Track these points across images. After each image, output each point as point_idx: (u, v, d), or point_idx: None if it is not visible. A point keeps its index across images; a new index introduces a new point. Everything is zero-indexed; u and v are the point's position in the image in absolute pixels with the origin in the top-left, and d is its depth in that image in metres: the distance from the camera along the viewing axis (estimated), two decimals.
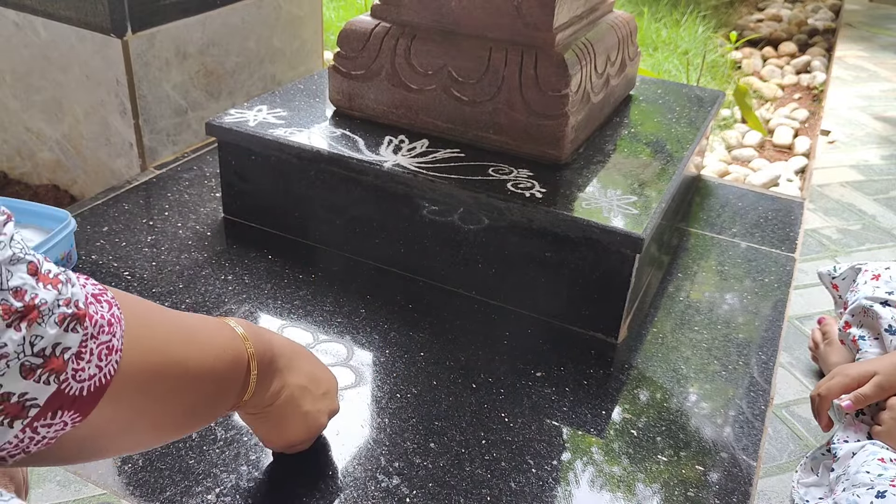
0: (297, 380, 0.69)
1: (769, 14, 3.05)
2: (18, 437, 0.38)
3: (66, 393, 0.39)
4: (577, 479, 0.81)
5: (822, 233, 1.36)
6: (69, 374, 0.39)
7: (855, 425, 0.79)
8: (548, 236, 1.00)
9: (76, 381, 0.40)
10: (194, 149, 1.48)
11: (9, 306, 0.36)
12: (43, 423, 0.39)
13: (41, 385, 0.38)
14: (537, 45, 1.06)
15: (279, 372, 0.66)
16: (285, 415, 0.70)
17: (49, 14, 1.36)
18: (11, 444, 0.38)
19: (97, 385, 0.41)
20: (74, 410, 0.40)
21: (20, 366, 0.37)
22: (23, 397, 0.37)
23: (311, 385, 0.72)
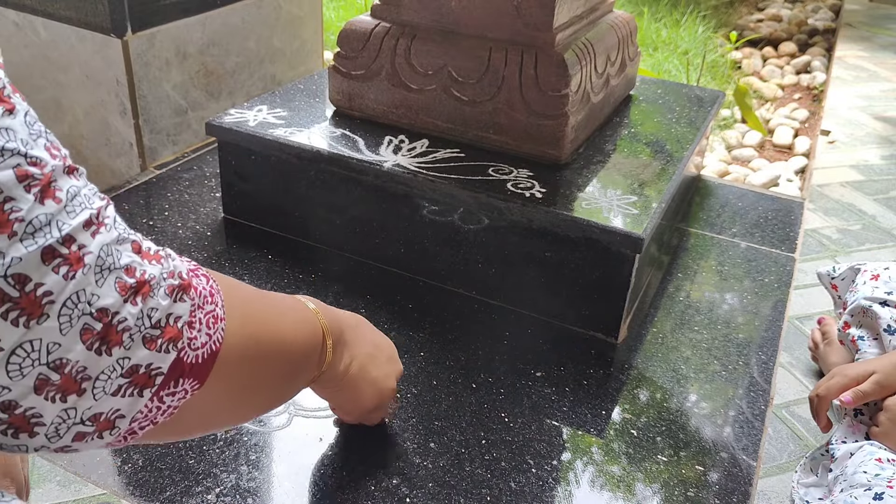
0: (364, 349, 0.73)
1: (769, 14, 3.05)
2: (147, 407, 0.41)
3: (184, 360, 0.42)
4: (577, 479, 0.81)
5: (822, 233, 1.36)
6: (185, 343, 0.42)
7: (853, 426, 0.79)
8: (548, 236, 1.00)
9: (191, 349, 0.42)
10: (194, 149, 1.48)
11: (124, 283, 0.38)
12: (167, 392, 0.42)
13: (162, 354, 0.40)
14: (537, 45, 1.06)
15: (347, 344, 0.70)
16: (357, 384, 0.73)
17: (49, 14, 1.36)
18: (142, 413, 0.41)
19: (209, 352, 0.44)
20: (193, 377, 0.43)
21: (142, 338, 0.39)
22: (149, 367, 0.40)
23: (375, 352, 0.75)
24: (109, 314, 0.37)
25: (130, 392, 0.39)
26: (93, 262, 0.37)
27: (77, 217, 0.37)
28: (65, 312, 0.36)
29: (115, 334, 0.38)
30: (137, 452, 0.80)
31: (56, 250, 0.35)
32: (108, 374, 0.38)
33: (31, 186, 0.34)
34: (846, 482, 0.70)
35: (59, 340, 0.36)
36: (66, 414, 0.37)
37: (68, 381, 0.37)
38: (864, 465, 0.70)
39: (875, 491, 0.66)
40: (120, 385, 0.39)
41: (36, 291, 0.34)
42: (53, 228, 0.35)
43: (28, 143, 0.35)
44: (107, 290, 0.37)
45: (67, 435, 0.38)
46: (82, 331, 0.36)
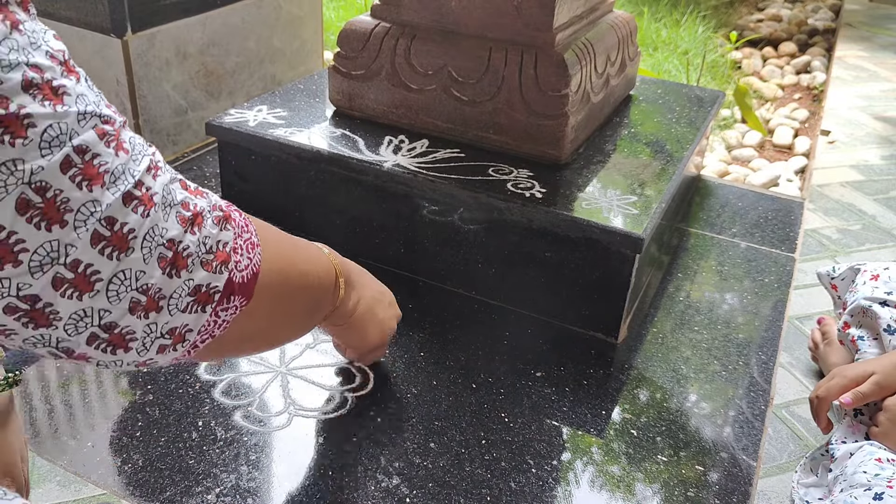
0: (370, 291, 0.81)
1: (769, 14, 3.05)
2: (208, 322, 0.48)
3: (233, 280, 0.49)
4: (577, 479, 0.81)
5: (822, 233, 1.36)
6: (233, 264, 0.49)
7: (853, 426, 0.79)
8: (548, 236, 1.00)
9: (238, 271, 0.49)
10: (194, 149, 1.48)
11: (183, 216, 0.45)
12: (222, 308, 0.48)
13: (217, 274, 0.47)
14: (537, 45, 1.06)
15: (354, 285, 0.77)
16: (364, 322, 0.81)
17: (49, 14, 1.36)
18: (205, 327, 0.48)
19: (252, 273, 0.50)
20: (241, 295, 0.50)
21: (200, 261, 0.46)
22: (208, 286, 0.47)
23: (379, 296, 0.84)
24: (176, 243, 0.44)
25: (195, 308, 0.46)
26: (159, 201, 0.43)
27: (141, 163, 0.43)
28: (145, 245, 0.42)
29: (182, 259, 0.44)
30: (137, 452, 0.80)
31: (132, 194, 0.41)
32: (179, 293, 0.45)
33: (109, 142, 0.40)
34: (846, 482, 0.70)
35: (143, 268, 0.42)
36: (149, 329, 0.44)
37: (151, 302, 0.43)
38: (863, 465, 0.70)
39: (875, 491, 0.66)
40: (188, 303, 0.46)
41: (122, 229, 0.41)
42: (128, 175, 0.41)
43: (98, 104, 0.40)
44: (171, 223, 0.44)
45: (153, 348, 0.45)
46: (158, 258, 0.43)
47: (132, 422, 0.84)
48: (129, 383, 0.90)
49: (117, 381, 0.91)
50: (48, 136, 0.37)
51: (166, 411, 0.86)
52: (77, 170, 0.38)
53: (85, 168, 0.38)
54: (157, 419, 0.85)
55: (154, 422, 0.84)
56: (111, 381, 0.91)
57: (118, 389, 0.90)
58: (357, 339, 0.84)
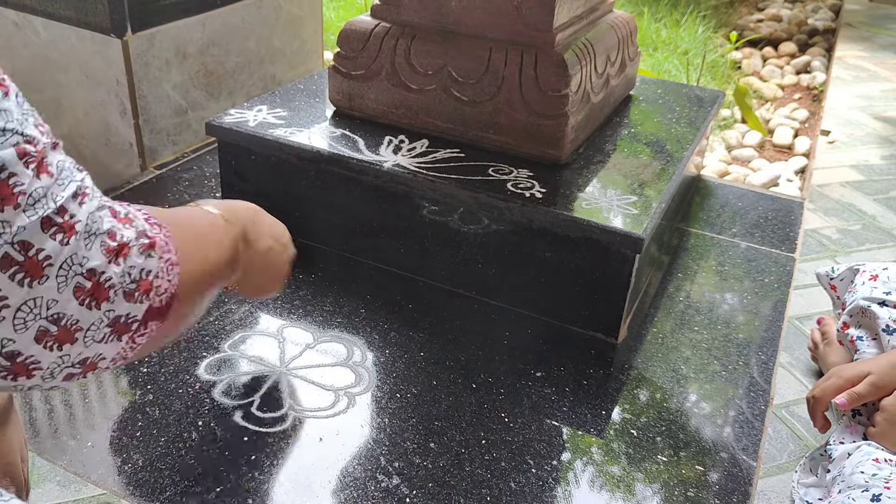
0: (265, 242, 0.78)
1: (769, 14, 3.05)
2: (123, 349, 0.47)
3: (153, 307, 0.48)
4: (577, 479, 0.81)
5: (822, 233, 1.36)
6: (154, 292, 0.48)
7: (851, 427, 0.79)
8: (548, 236, 1.00)
9: (157, 296, 0.48)
10: (194, 149, 1.48)
11: (108, 246, 0.44)
12: (139, 335, 0.48)
13: (138, 304, 0.46)
14: (537, 45, 1.06)
15: (250, 242, 0.74)
16: (262, 272, 0.79)
17: (49, 14, 1.36)
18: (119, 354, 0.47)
19: (170, 295, 0.50)
20: (158, 319, 0.49)
21: (123, 292, 0.45)
22: (128, 317, 0.46)
23: (274, 244, 0.81)
24: (97, 274, 0.43)
25: (112, 338, 0.45)
26: (82, 229, 0.42)
27: (66, 189, 0.41)
28: (61, 273, 0.40)
29: (104, 291, 0.43)
30: (137, 452, 0.80)
31: (52, 220, 0.40)
32: (98, 325, 0.44)
33: (29, 163, 0.38)
34: (844, 483, 0.70)
35: (56, 297, 0.41)
36: (61, 360, 0.43)
37: (64, 332, 0.42)
38: (861, 466, 0.70)
39: (873, 492, 0.66)
40: (105, 333, 0.45)
41: (38, 256, 0.39)
42: (49, 200, 0.40)
43: (23, 123, 0.39)
44: (94, 252, 0.42)
45: (59, 376, 0.44)
46: (75, 289, 0.41)
47: (132, 422, 0.84)
48: (129, 383, 0.90)
49: (117, 381, 0.91)
50: None
51: (166, 411, 0.86)
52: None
53: None
54: (157, 419, 0.85)
55: (154, 422, 0.84)
56: (111, 381, 0.91)
57: (118, 389, 0.90)
58: (252, 288, 0.84)
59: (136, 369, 0.92)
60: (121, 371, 0.92)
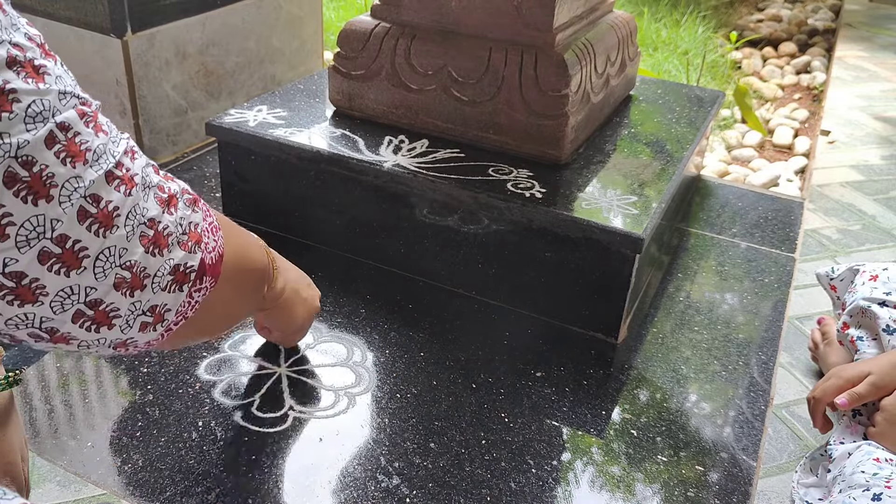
0: (293, 274, 0.83)
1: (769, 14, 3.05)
2: (185, 302, 0.49)
3: (205, 261, 0.50)
4: (577, 479, 0.81)
5: (822, 233, 1.36)
6: (203, 245, 0.50)
7: (851, 426, 0.79)
8: (548, 236, 1.00)
9: (207, 252, 0.51)
10: (194, 149, 1.48)
11: (160, 197, 0.46)
12: (196, 288, 0.50)
13: (192, 254, 0.49)
14: (537, 45, 1.06)
15: (279, 269, 0.78)
16: (293, 302, 0.83)
17: (49, 14, 1.36)
18: (181, 308, 0.49)
19: (219, 254, 0.53)
20: (210, 275, 0.51)
21: (177, 241, 0.47)
22: (185, 266, 0.48)
23: (300, 278, 0.86)
24: (156, 223, 0.46)
25: (174, 287, 0.48)
26: (140, 181, 0.45)
27: (119, 145, 0.44)
28: (128, 223, 0.43)
29: (163, 238, 0.46)
30: (137, 452, 0.80)
31: (114, 173, 0.42)
32: (162, 272, 0.46)
33: (88, 122, 0.41)
34: (844, 482, 0.70)
35: (126, 245, 0.43)
36: (134, 306, 0.45)
37: (135, 279, 0.45)
38: (861, 465, 0.70)
39: (874, 491, 0.66)
40: (168, 281, 0.47)
41: (107, 207, 0.42)
42: (109, 155, 0.42)
43: (76, 87, 0.42)
44: (151, 203, 0.45)
45: (135, 325, 0.46)
46: (141, 236, 0.44)
47: (132, 422, 0.84)
48: (128, 383, 0.90)
49: (117, 381, 0.91)
50: (32, 111, 0.37)
51: (166, 411, 0.86)
52: (61, 146, 0.39)
53: (68, 145, 0.39)
54: (157, 419, 0.85)
55: (154, 422, 0.84)
56: (111, 380, 0.91)
57: (118, 389, 0.90)
58: (285, 320, 0.86)
59: (136, 369, 0.92)
60: (121, 371, 0.92)
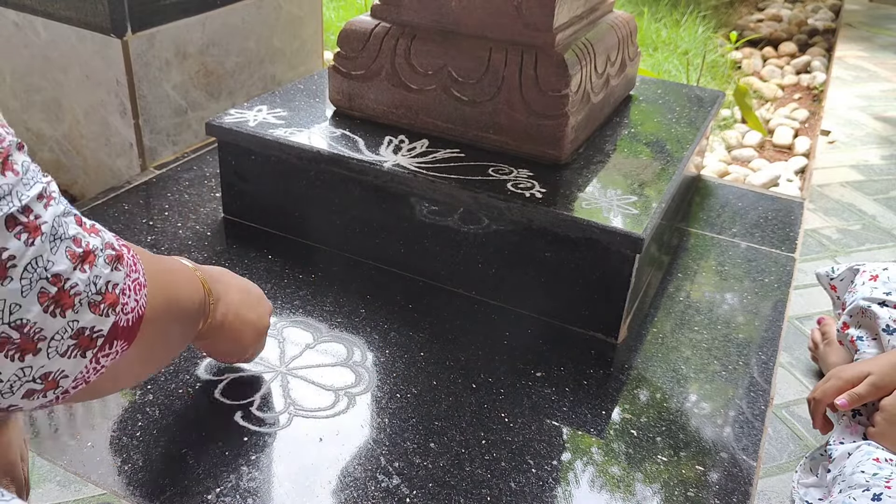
0: (234, 296, 0.77)
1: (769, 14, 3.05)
2: (87, 368, 0.45)
3: (119, 324, 0.46)
4: (577, 479, 0.81)
5: (822, 233, 1.36)
6: (120, 308, 0.46)
7: (851, 427, 0.79)
8: (548, 236, 1.00)
9: (124, 314, 0.46)
10: (194, 149, 1.48)
11: (73, 251, 0.42)
12: (104, 354, 0.45)
13: (104, 317, 0.44)
14: (537, 46, 1.06)
15: (219, 296, 0.74)
16: (236, 328, 0.77)
17: (49, 14, 1.36)
18: (81, 374, 0.45)
19: (137, 316, 0.48)
20: (123, 339, 0.47)
21: (88, 302, 0.43)
22: (92, 330, 0.44)
23: (246, 297, 0.80)
24: (62, 279, 0.41)
25: (76, 353, 0.43)
26: (48, 230, 0.40)
27: (32, 189, 0.40)
28: (25, 276, 0.39)
29: (68, 298, 0.41)
30: (137, 452, 0.80)
31: (17, 218, 0.38)
32: (61, 335, 0.42)
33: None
34: (844, 483, 0.70)
35: (19, 301, 0.39)
36: (22, 372, 0.40)
37: (26, 341, 0.40)
38: (861, 465, 0.70)
39: (874, 491, 0.66)
40: (69, 346, 0.42)
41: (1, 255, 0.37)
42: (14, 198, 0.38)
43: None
44: (60, 257, 0.41)
45: (19, 392, 0.41)
46: (39, 293, 0.40)
47: (132, 422, 0.84)
48: None
49: None
50: None
51: (166, 411, 0.86)
52: None
53: None
54: (157, 419, 0.85)
55: (154, 422, 0.84)
56: None
57: None
58: (231, 346, 0.81)
59: None
60: None
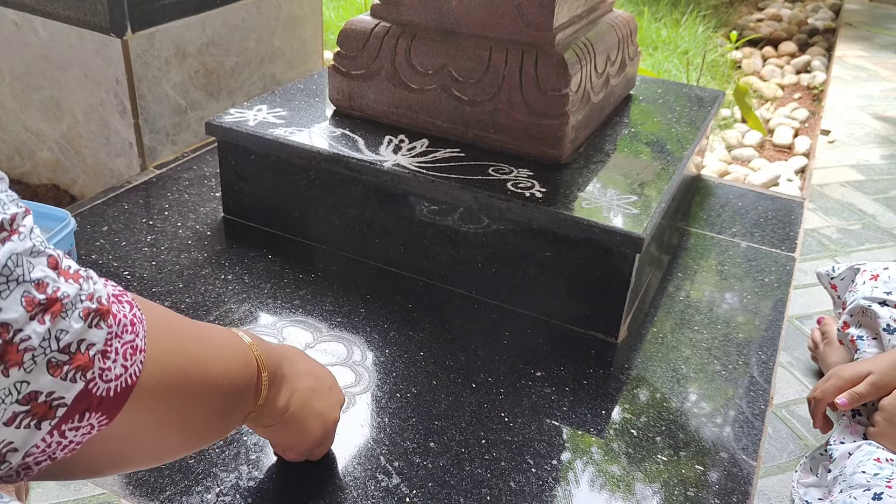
0: (304, 382, 0.69)
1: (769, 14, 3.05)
2: (45, 441, 0.37)
3: (93, 392, 0.38)
4: (576, 479, 0.81)
5: (822, 233, 1.36)
6: (96, 373, 0.38)
7: (851, 427, 0.79)
8: (548, 236, 1.00)
9: (103, 381, 0.39)
10: (194, 149, 1.48)
11: (32, 297, 0.35)
12: (70, 426, 0.38)
13: (68, 383, 0.37)
14: (537, 45, 1.06)
15: (286, 377, 0.66)
16: (301, 418, 0.69)
17: (48, 14, 1.36)
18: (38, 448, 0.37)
19: (124, 386, 0.40)
20: (101, 412, 0.39)
21: (47, 362, 0.36)
22: (50, 396, 0.36)
23: (316, 384, 0.71)
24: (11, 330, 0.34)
25: (27, 423, 0.36)
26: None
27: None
28: None
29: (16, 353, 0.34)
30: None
31: None
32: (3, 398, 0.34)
33: None
34: (845, 483, 0.70)
35: None
36: None
37: None
38: (862, 465, 0.70)
39: (874, 491, 0.66)
40: (15, 413, 0.35)
41: None
42: None
43: None
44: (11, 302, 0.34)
45: None
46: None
47: None
48: None
49: None
50: None
51: None
52: None
53: None
54: None
55: None
56: None
57: None
58: (295, 439, 0.72)
59: None
60: None
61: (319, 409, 0.71)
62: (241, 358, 0.57)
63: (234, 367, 0.55)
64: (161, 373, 0.44)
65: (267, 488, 0.77)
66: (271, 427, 0.68)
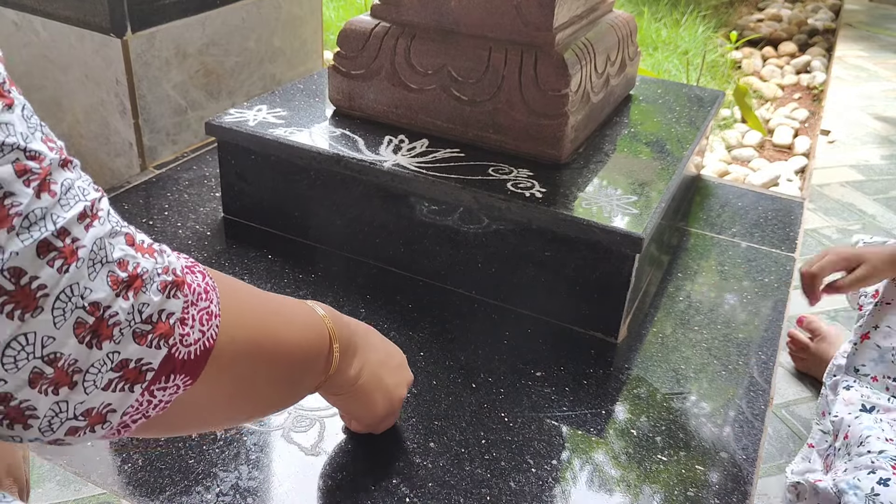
0: (375, 356, 0.73)
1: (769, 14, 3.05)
2: (138, 402, 0.41)
3: (176, 356, 0.42)
4: (576, 479, 0.81)
5: (822, 233, 1.36)
6: (177, 339, 0.42)
7: None
8: (548, 236, 1.00)
9: (183, 346, 0.43)
10: (194, 149, 1.48)
11: (116, 277, 0.38)
12: (158, 387, 0.42)
13: (153, 349, 0.41)
14: (537, 45, 1.06)
15: (358, 349, 0.69)
16: (369, 390, 0.73)
17: (48, 14, 1.36)
18: (133, 408, 0.41)
19: (202, 348, 0.44)
20: (185, 374, 0.43)
21: (132, 332, 0.39)
22: (139, 362, 0.40)
23: (387, 359, 0.75)
24: (101, 308, 0.38)
25: (121, 387, 0.40)
26: (86, 255, 0.37)
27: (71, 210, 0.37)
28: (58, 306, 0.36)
29: (106, 328, 0.38)
30: (137, 452, 0.80)
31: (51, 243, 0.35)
32: (99, 367, 0.38)
33: (31, 181, 0.35)
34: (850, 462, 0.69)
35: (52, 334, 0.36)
36: (59, 407, 0.38)
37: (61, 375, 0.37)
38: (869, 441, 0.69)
39: (880, 475, 0.65)
40: (111, 379, 0.39)
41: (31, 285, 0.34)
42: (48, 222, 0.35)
43: (27, 137, 0.35)
44: (99, 283, 0.38)
45: (61, 429, 0.39)
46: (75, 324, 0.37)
47: None
48: None
49: None
50: None
51: None
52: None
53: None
54: None
55: None
56: None
57: None
58: (362, 410, 0.77)
59: None
60: None
61: (387, 383, 0.75)
62: (313, 329, 0.61)
63: (305, 337, 0.59)
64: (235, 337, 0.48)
65: (267, 489, 0.77)
66: (341, 396, 0.72)
